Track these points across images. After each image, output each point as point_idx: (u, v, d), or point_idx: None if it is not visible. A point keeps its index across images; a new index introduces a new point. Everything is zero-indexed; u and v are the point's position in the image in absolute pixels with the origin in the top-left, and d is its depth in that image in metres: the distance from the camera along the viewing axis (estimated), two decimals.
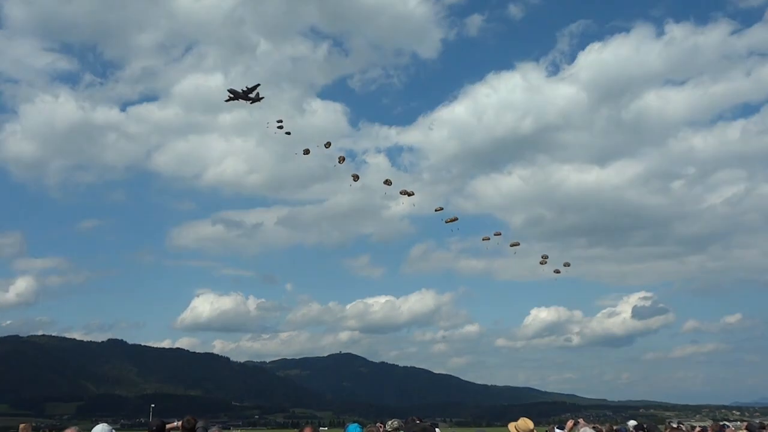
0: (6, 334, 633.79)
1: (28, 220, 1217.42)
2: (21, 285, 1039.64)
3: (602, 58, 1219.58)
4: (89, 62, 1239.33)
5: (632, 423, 17.16)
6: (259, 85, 45.29)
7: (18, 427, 24.25)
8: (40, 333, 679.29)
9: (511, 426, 10.39)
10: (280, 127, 49.47)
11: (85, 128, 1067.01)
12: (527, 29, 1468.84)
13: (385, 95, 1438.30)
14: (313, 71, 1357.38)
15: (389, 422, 13.39)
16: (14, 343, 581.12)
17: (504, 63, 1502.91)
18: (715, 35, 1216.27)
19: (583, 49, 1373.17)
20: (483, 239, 43.69)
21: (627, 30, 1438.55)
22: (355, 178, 54.57)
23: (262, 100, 47.24)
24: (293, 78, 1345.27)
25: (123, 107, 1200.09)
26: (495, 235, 42.32)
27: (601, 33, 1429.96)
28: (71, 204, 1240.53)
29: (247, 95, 45.92)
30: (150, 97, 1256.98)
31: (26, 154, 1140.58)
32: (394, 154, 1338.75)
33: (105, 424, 9.35)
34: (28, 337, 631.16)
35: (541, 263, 41.70)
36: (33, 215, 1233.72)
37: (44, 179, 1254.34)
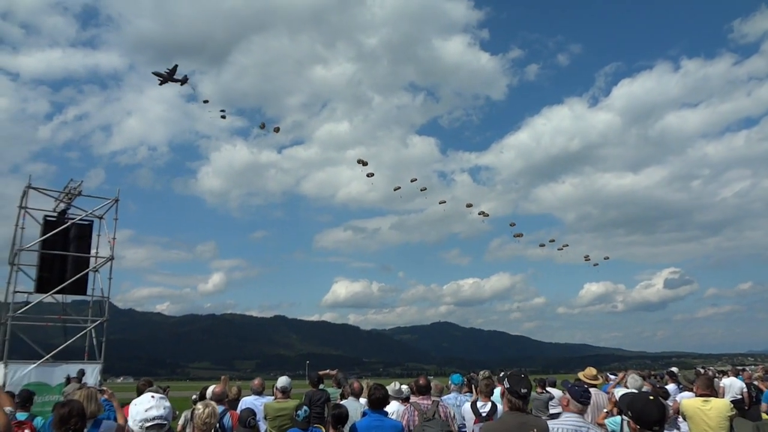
0: (207, 314, 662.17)
1: (218, 233, 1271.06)
2: (216, 278, 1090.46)
3: (631, 90, 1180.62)
4: (256, 120, 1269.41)
5: (675, 369, 16.03)
6: (177, 65, 41.36)
7: (219, 378, 24.80)
8: (229, 312, 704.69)
9: (580, 374, 9.76)
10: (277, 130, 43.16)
11: (254, 167, 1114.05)
12: (572, 72, 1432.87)
13: (466, 129, 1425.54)
14: (413, 115, 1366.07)
15: (481, 372, 12.95)
16: (213, 320, 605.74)
17: (555, 99, 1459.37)
18: (721, 66, 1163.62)
19: (616, 84, 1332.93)
20: (540, 245, 41.93)
21: (650, 67, 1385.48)
22: (442, 202, 51.11)
23: (187, 82, 42.61)
24: (398, 121, 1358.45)
25: (279, 150, 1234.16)
26: (550, 241, 40.53)
27: (629, 71, 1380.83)
28: (246, 220, 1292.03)
29: (171, 76, 41.34)
30: (298, 142, 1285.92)
31: (215, 187, 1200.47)
32: (474, 172, 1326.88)
33: (286, 377, 9.41)
34: (221, 315, 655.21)
35: (586, 260, 39.72)
36: (222, 229, 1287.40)
37: (228, 204, 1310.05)
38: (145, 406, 3.90)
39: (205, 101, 40.22)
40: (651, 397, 4.07)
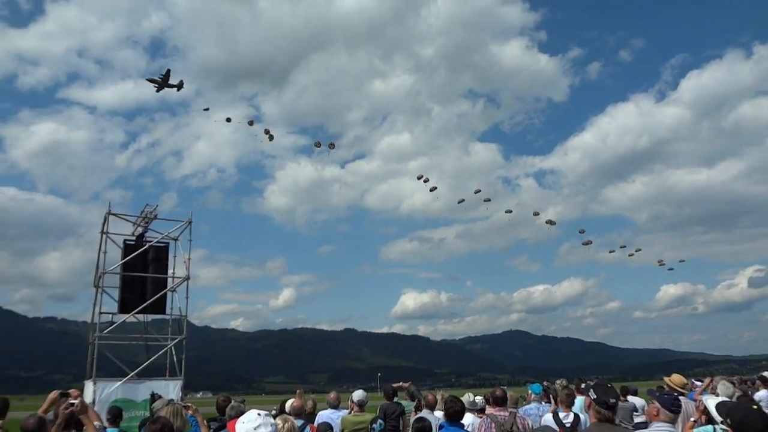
0: (279, 329, 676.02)
1: (287, 249, 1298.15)
2: (286, 294, 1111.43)
3: (701, 81, 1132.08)
4: (319, 137, 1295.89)
5: (767, 374, 14.92)
6: (169, 70, 40.56)
7: (293, 392, 25.12)
8: (300, 326, 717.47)
9: (666, 381, 9.28)
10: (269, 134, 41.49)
11: (318, 183, 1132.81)
12: (636, 67, 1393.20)
13: (528, 133, 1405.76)
14: (473, 122, 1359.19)
15: (557, 381, 12.58)
16: (285, 335, 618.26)
17: (619, 96, 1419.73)
18: None
19: (683, 76, 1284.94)
20: (609, 251, 40.15)
21: (720, 56, 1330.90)
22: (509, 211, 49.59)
23: (182, 86, 41.75)
24: (459, 129, 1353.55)
25: (342, 165, 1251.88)
26: (621, 247, 38.81)
27: (697, 62, 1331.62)
28: (313, 236, 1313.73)
29: (166, 82, 40.45)
30: (360, 156, 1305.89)
31: (282, 205, 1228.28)
32: (539, 176, 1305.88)
33: (362, 390, 9.31)
34: (293, 329, 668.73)
35: (660, 265, 37.73)
36: (290, 245, 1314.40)
37: (295, 220, 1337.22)
38: (254, 423, 3.97)
39: (206, 109, 40.06)
40: (754, 407, 3.81)
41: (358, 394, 9.37)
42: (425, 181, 37.42)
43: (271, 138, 37.95)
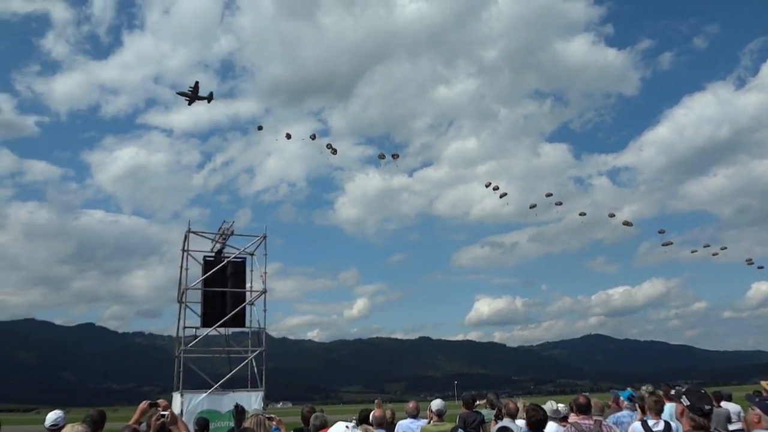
0: (354, 338, 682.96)
1: (359, 260, 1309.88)
2: (360, 304, 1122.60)
3: None
4: (385, 147, 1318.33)
5: None
6: (198, 82, 39.83)
7: (371, 401, 25.24)
8: (375, 336, 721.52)
9: (764, 383, 8.70)
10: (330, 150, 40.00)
11: (387, 192, 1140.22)
12: (711, 55, 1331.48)
13: (599, 130, 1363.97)
14: (541, 122, 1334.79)
15: (643, 387, 12.01)
16: (360, 344, 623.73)
17: (695, 86, 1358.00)
18: None
19: (764, 61, 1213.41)
20: (692, 251, 38.27)
21: None
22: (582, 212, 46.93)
23: (212, 98, 41.13)
24: (527, 130, 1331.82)
25: (410, 173, 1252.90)
26: (704, 246, 36.91)
27: None
28: (384, 245, 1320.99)
29: (196, 95, 39.73)
30: (427, 163, 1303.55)
31: (352, 216, 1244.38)
32: (613, 175, 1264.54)
33: (440, 400, 9.17)
34: (368, 339, 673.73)
35: (748, 264, 35.63)
36: (362, 256, 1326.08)
37: (365, 230, 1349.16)
38: None
39: (260, 127, 40.63)
40: None
41: (436, 404, 9.30)
42: (495, 189, 36.99)
43: (334, 152, 38.53)
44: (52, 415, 7.56)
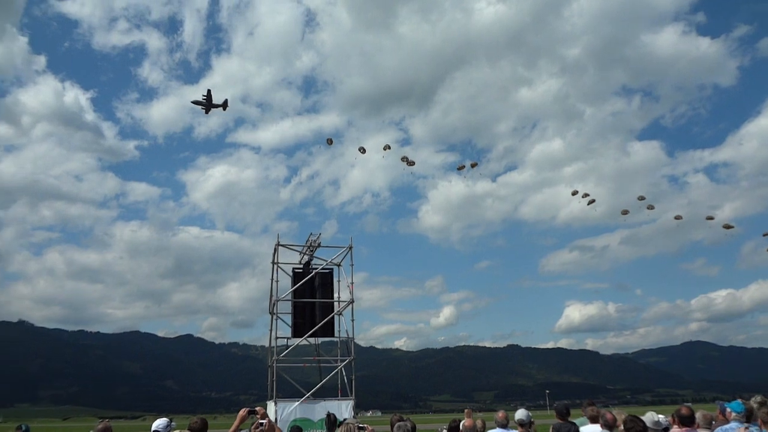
0: (442, 347, 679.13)
1: (444, 267, 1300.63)
2: (446, 312, 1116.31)
3: None
4: (468, 152, 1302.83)
5: None
6: (210, 90, 39.10)
7: (460, 410, 24.99)
8: (462, 344, 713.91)
9: None
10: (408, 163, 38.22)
11: (470, 198, 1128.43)
12: None
13: (694, 125, 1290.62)
14: (630, 120, 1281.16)
15: (753, 398, 11.19)
16: (448, 353, 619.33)
17: None
18: None
19: None
20: None
21: None
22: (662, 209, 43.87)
23: (227, 105, 40.29)
24: (615, 129, 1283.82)
25: (494, 178, 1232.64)
26: None
27: None
28: (469, 252, 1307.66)
29: (211, 102, 38.93)
30: (511, 167, 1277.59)
31: (436, 223, 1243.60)
32: (710, 171, 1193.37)
33: (523, 409, 8.93)
34: (455, 347, 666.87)
35: None
36: (447, 263, 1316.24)
37: (450, 237, 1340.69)
38: None
39: (329, 140, 40.94)
40: None
41: (519, 413, 9.11)
42: (584, 196, 35.93)
43: (410, 164, 38.73)
44: (160, 422, 7.98)
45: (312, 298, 22.61)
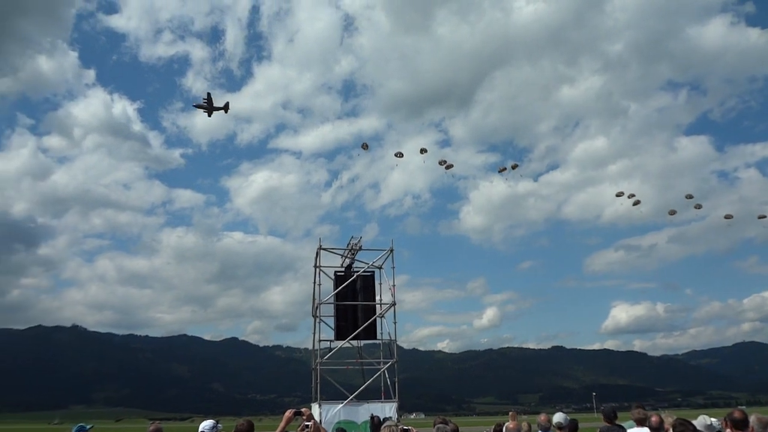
0: (485, 349, 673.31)
1: (487, 268, 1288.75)
2: (489, 313, 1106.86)
3: None
4: (509, 153, 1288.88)
5: None
6: (209, 93, 39.34)
7: (505, 413, 24.69)
8: (506, 346, 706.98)
9: None
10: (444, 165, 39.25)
11: (512, 199, 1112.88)
12: None
13: (745, 118, 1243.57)
14: (677, 115, 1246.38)
15: None
16: (491, 355, 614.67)
17: None
18: None
19: None
20: None
21: None
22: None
23: (228, 108, 40.90)
24: (660, 125, 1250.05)
25: (536, 178, 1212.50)
26: None
27: None
28: (512, 252, 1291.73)
29: (212, 105, 39.53)
30: (553, 167, 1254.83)
31: (478, 224, 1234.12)
32: (762, 165, 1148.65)
33: (561, 413, 8.78)
34: (499, 349, 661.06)
35: None
36: (489, 264, 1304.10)
37: (492, 238, 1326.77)
38: None
39: (365, 146, 40.89)
40: None
41: (557, 417, 9.00)
42: (630, 197, 35.37)
43: (448, 167, 38.65)
44: (206, 424, 8.17)
45: (354, 300, 22.76)
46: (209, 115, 44.87)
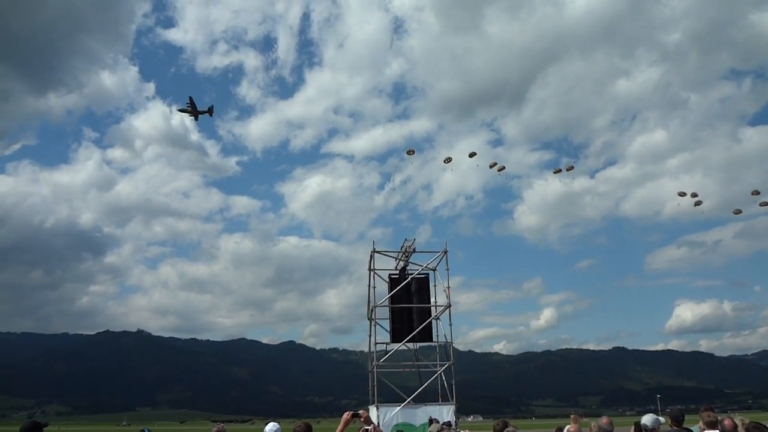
0: (543, 350, 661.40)
1: (543, 268, 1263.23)
2: (547, 314, 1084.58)
3: None
4: (564, 150, 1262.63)
5: None
6: (191, 97, 39.40)
7: (566, 415, 24.22)
8: (565, 347, 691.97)
9: None
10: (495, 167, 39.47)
11: (568, 196, 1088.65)
12: None
13: None
14: (741, 104, 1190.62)
15: None
16: (549, 356, 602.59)
17: None
18: None
19: None
20: None
21: None
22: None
23: (212, 112, 40.86)
24: (723, 115, 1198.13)
25: (592, 175, 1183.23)
26: None
27: None
28: (569, 251, 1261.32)
29: (196, 109, 39.50)
30: (610, 162, 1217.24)
31: (533, 224, 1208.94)
32: None
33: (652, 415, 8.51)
34: (557, 350, 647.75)
35: None
36: (545, 264, 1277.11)
37: (548, 237, 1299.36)
38: None
39: (410, 152, 40.78)
40: None
41: (646, 418, 8.72)
42: (693, 196, 34.30)
43: (500, 169, 38.14)
44: (271, 427, 8.30)
45: (409, 303, 22.75)
46: (196, 119, 46.87)
